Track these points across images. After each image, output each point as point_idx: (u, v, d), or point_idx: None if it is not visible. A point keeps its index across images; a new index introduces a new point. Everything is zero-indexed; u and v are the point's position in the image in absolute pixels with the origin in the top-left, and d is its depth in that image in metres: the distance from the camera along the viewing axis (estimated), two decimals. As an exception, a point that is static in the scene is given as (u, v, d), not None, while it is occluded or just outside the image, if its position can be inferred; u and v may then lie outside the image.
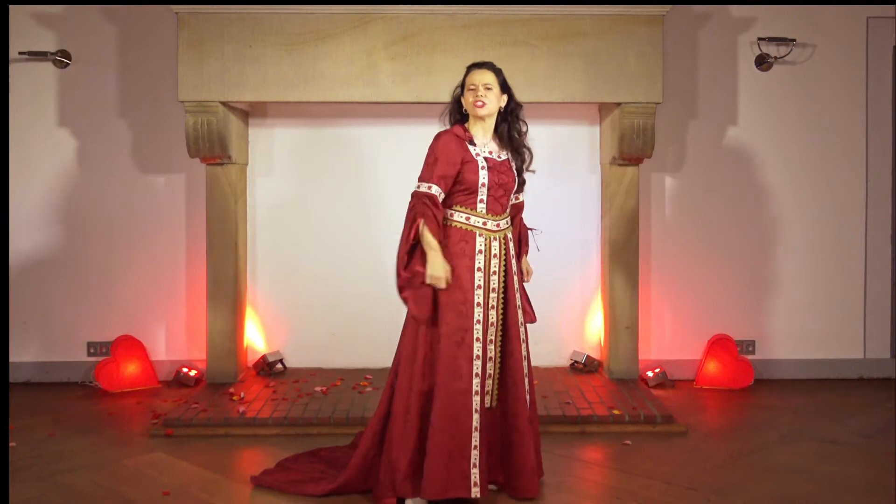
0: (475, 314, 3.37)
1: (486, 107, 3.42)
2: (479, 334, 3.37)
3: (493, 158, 3.47)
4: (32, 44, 5.14)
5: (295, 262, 5.33)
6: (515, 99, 3.56)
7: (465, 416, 3.29)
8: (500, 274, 3.45)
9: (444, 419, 3.28)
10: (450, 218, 3.44)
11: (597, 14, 4.75)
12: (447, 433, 3.27)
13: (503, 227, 3.49)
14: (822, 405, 4.81)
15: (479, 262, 3.40)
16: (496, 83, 3.46)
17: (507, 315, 3.46)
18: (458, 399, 3.29)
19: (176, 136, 5.15)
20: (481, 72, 3.46)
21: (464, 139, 3.44)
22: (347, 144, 5.26)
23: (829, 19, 5.29)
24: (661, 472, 3.75)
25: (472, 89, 3.44)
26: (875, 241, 5.37)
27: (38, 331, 5.26)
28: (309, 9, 4.72)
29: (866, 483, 3.66)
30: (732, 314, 5.35)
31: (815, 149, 5.34)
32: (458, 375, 3.30)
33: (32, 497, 3.49)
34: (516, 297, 3.50)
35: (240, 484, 3.62)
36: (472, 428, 3.29)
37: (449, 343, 3.32)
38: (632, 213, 5.07)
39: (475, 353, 3.35)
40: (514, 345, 3.45)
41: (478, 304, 3.38)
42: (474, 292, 3.38)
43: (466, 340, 3.34)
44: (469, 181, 3.39)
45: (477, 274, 3.40)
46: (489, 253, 3.42)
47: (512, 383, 3.43)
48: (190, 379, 5.12)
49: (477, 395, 3.32)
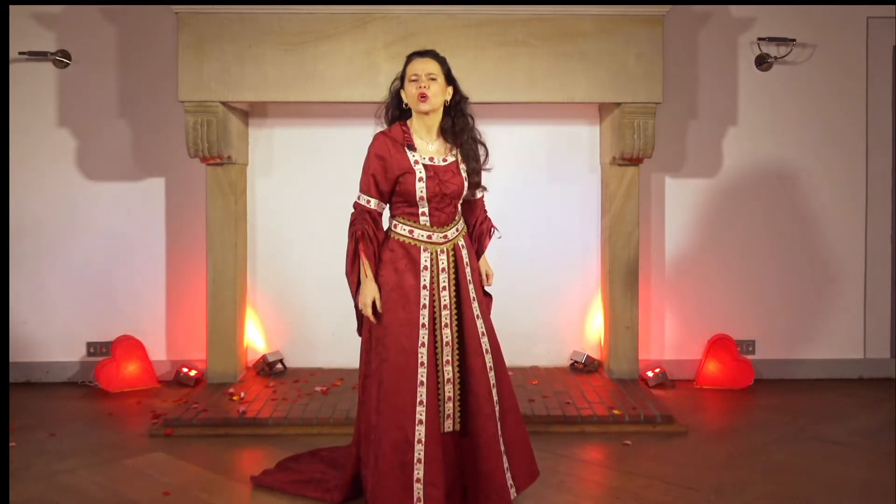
0: (420, 336, 3.14)
1: (429, 100, 3.13)
2: (423, 358, 3.13)
3: (435, 165, 3.19)
4: (32, 44, 5.14)
5: (295, 262, 5.33)
6: (461, 91, 3.27)
7: (406, 447, 3.09)
8: (450, 289, 3.22)
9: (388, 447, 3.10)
10: (393, 230, 3.23)
11: (597, 14, 4.75)
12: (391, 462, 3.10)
13: (451, 237, 3.25)
14: (822, 405, 4.80)
15: (424, 280, 3.17)
16: (441, 73, 3.17)
17: (464, 329, 3.21)
18: (399, 431, 3.10)
19: (176, 136, 5.15)
20: (424, 61, 3.17)
21: (402, 143, 3.17)
22: (347, 144, 5.25)
23: (829, 19, 5.29)
24: (661, 472, 3.75)
25: (414, 80, 3.15)
26: (875, 241, 5.36)
27: (38, 331, 5.26)
28: (309, 9, 4.72)
29: (866, 483, 3.66)
30: (732, 314, 5.35)
31: (814, 149, 5.34)
32: (400, 406, 3.10)
33: (32, 497, 3.49)
34: (472, 307, 3.24)
35: (240, 484, 3.62)
36: (413, 459, 3.09)
37: (391, 370, 3.13)
38: (632, 213, 5.07)
39: (419, 380, 3.12)
40: (472, 360, 3.19)
41: (423, 325, 3.15)
42: (419, 312, 3.15)
43: (409, 366, 3.12)
44: (406, 193, 3.15)
45: (423, 292, 3.16)
46: (436, 268, 3.20)
47: (483, 400, 3.18)
48: (190, 379, 5.12)
49: (421, 424, 3.10)
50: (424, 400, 3.13)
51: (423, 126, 3.24)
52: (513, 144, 5.27)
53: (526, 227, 5.30)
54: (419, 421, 3.11)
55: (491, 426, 3.19)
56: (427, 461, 3.11)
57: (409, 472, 3.09)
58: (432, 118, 3.23)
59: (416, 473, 3.09)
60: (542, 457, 3.89)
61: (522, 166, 5.30)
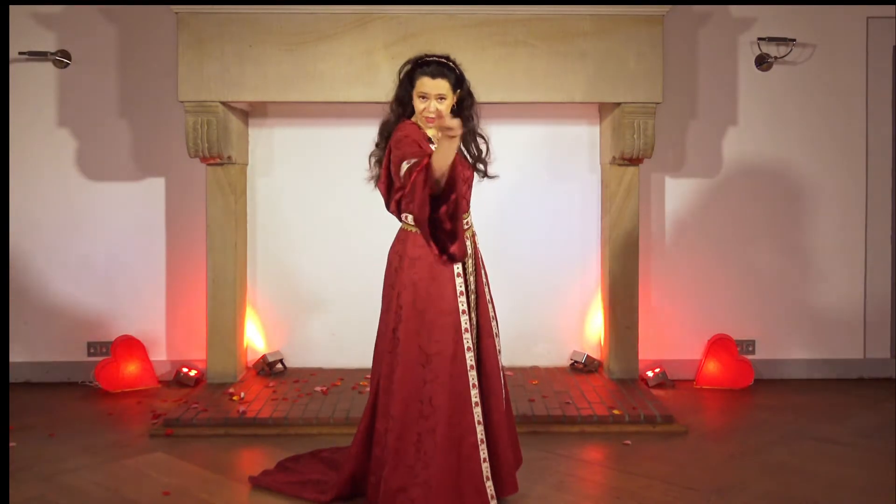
0: (462, 322, 3.20)
1: (437, 121, 3.13)
2: (469, 343, 3.21)
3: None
4: (32, 44, 5.14)
5: (295, 261, 5.33)
6: (468, 90, 3.26)
7: (470, 431, 3.16)
8: (473, 274, 3.30)
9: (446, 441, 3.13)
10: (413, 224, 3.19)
11: (597, 14, 4.74)
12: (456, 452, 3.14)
13: (470, 223, 3.35)
14: (822, 405, 4.80)
15: (458, 267, 3.22)
16: (450, 89, 3.18)
17: (479, 312, 3.29)
18: (461, 418, 3.15)
19: (176, 136, 5.15)
20: (435, 82, 3.14)
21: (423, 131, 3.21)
22: (347, 144, 5.25)
23: (829, 19, 5.29)
24: (661, 472, 3.75)
25: (423, 97, 3.17)
26: (875, 241, 5.36)
27: (38, 331, 5.26)
28: (309, 9, 4.72)
29: (866, 483, 3.66)
30: (732, 314, 5.35)
31: (814, 149, 5.33)
32: (459, 394, 3.15)
33: (32, 497, 3.49)
34: (486, 292, 3.33)
35: (240, 484, 3.62)
36: (477, 441, 3.17)
37: (444, 361, 3.15)
38: (632, 213, 5.07)
39: (469, 364, 3.19)
40: (486, 342, 3.29)
41: (463, 311, 3.21)
42: (457, 300, 3.20)
43: (459, 353, 3.17)
44: None
45: (457, 280, 3.21)
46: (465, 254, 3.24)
47: (495, 379, 3.28)
48: (190, 379, 5.12)
49: (478, 405, 3.19)
50: (477, 383, 3.22)
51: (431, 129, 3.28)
52: (513, 144, 5.26)
53: (526, 227, 5.30)
54: (475, 403, 3.19)
55: (500, 404, 3.29)
56: (488, 441, 3.21)
57: (475, 454, 3.17)
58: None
59: (483, 453, 3.18)
60: (543, 457, 3.89)
61: (522, 166, 5.30)
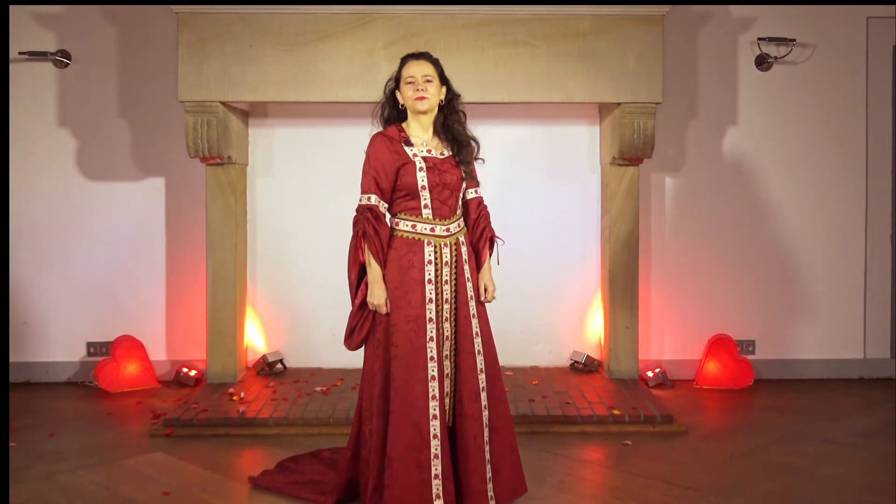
0: (427, 331, 3.14)
1: (427, 101, 3.20)
2: (433, 353, 3.14)
3: (434, 157, 3.24)
4: (32, 44, 5.14)
5: (295, 261, 5.33)
6: (454, 90, 3.34)
7: (422, 444, 3.08)
8: (451, 283, 3.22)
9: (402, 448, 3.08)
10: (395, 227, 3.23)
11: (597, 14, 4.75)
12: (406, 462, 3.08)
13: (454, 231, 3.26)
14: (822, 405, 4.80)
15: (429, 274, 3.18)
16: (436, 74, 3.25)
17: (459, 328, 3.21)
18: (413, 428, 3.08)
19: (176, 136, 5.15)
20: (420, 63, 3.25)
21: (398, 140, 3.22)
22: (347, 144, 5.24)
23: (829, 19, 5.29)
24: (661, 472, 3.75)
25: (411, 82, 3.22)
26: (875, 241, 5.36)
27: (38, 331, 5.26)
28: (309, 9, 4.72)
29: (866, 483, 3.66)
30: (732, 314, 5.35)
31: (815, 149, 5.34)
32: (412, 403, 3.09)
33: (32, 497, 3.49)
34: (469, 305, 3.24)
35: (240, 484, 3.62)
36: (430, 455, 3.09)
37: (401, 367, 3.11)
38: (632, 213, 5.07)
39: (430, 374, 3.12)
40: (462, 358, 3.19)
41: (430, 319, 3.16)
42: (425, 307, 3.16)
43: (420, 362, 3.12)
44: (408, 185, 3.18)
45: (427, 287, 3.17)
46: (440, 261, 3.20)
47: (467, 400, 3.17)
48: (190, 379, 5.12)
49: (435, 419, 3.10)
50: (437, 395, 3.13)
51: (419, 125, 3.29)
52: (513, 144, 5.27)
53: (526, 227, 5.29)
54: (433, 416, 3.11)
55: (473, 428, 3.16)
56: (443, 456, 3.10)
57: (426, 468, 3.09)
58: (428, 117, 3.29)
59: (434, 469, 3.09)
60: (542, 457, 3.90)
61: (522, 166, 5.30)
